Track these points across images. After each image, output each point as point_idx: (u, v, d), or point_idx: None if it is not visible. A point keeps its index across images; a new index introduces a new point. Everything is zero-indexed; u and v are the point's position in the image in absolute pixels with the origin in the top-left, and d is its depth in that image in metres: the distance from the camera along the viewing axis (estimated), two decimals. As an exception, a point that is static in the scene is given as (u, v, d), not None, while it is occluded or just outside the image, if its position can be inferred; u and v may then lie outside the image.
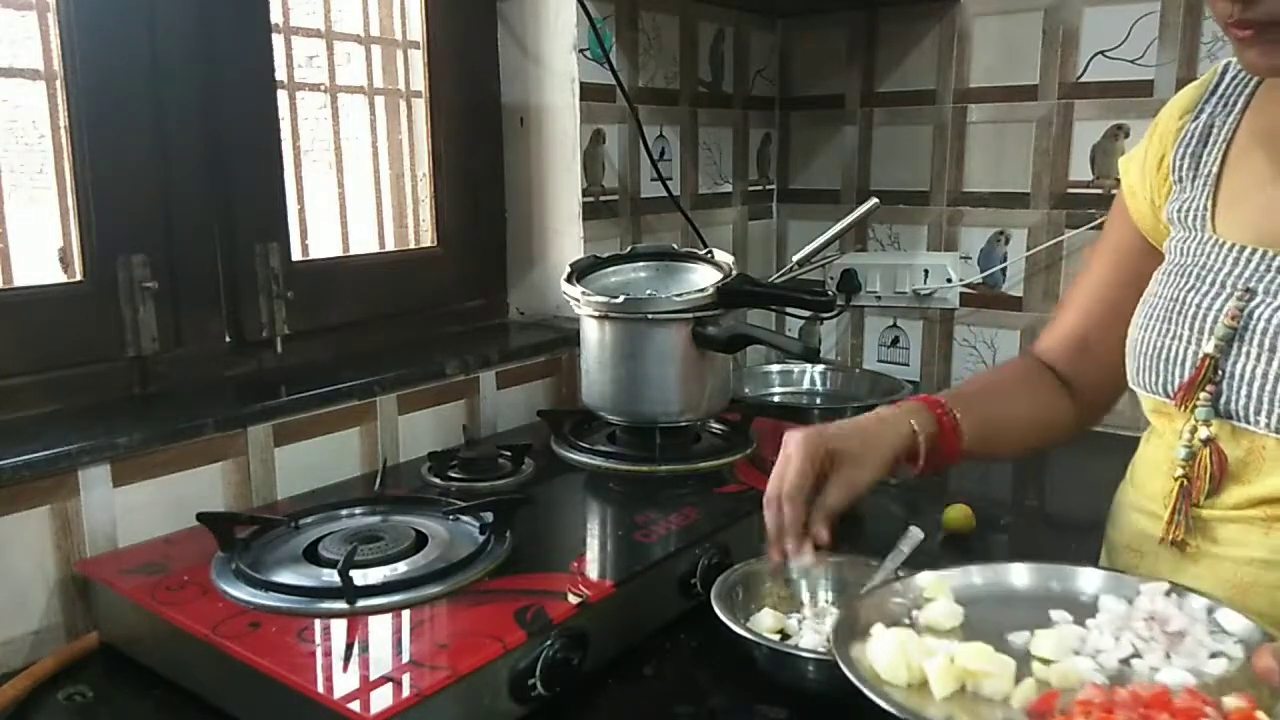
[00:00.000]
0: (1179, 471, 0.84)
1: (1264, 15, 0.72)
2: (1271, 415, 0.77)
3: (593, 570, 0.93)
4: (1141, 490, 0.93)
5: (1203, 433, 0.82)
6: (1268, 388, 0.78)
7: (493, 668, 0.77)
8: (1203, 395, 0.81)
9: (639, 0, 1.61)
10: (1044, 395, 1.02)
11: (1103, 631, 0.74)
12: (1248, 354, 0.79)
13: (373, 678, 0.73)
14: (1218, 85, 0.90)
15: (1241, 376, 0.79)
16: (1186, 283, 0.85)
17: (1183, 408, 0.83)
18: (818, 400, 1.85)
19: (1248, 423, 0.79)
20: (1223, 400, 0.81)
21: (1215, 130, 0.89)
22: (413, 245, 1.54)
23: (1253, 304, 0.80)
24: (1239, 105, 0.88)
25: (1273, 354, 0.78)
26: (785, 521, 0.87)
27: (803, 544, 0.87)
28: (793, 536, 0.87)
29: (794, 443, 0.88)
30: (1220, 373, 0.80)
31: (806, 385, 1.87)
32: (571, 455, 1.24)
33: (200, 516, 0.95)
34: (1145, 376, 0.87)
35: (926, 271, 1.84)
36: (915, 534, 0.96)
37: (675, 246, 1.38)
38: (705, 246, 1.41)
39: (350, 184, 1.43)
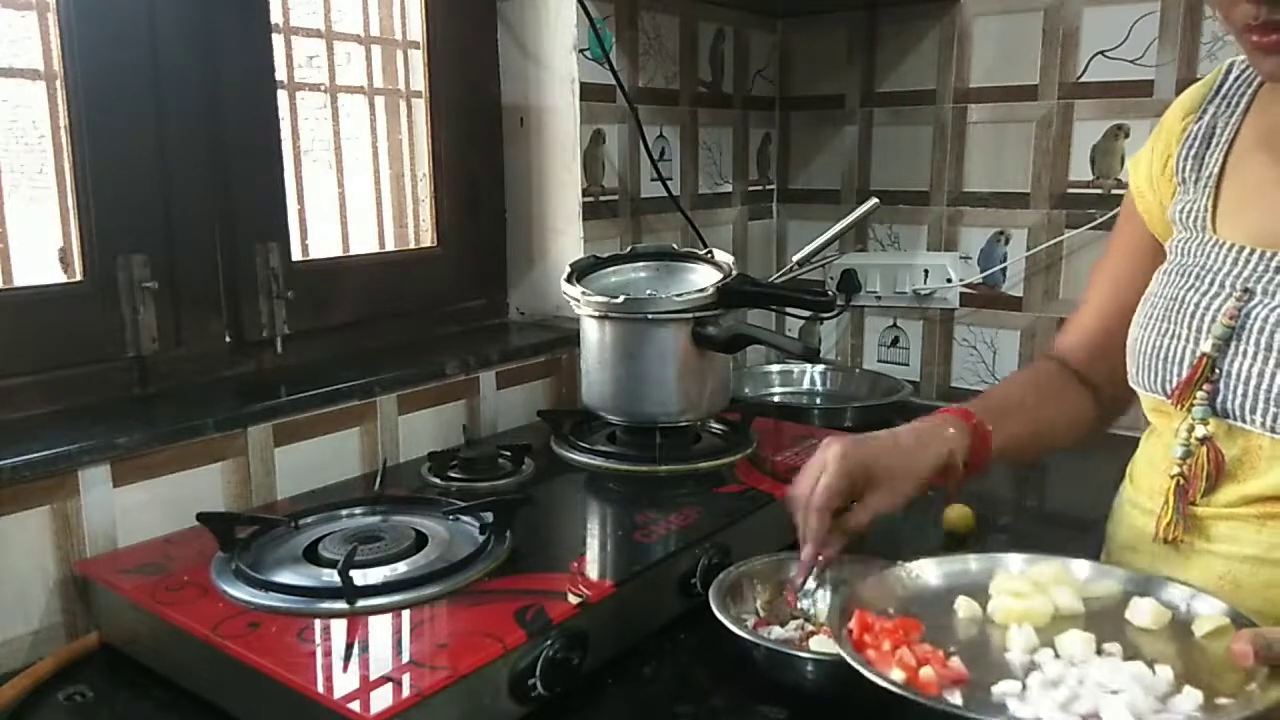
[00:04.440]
0: (1175, 470, 0.84)
1: None
2: (1267, 414, 0.78)
3: (593, 570, 0.93)
4: (1140, 488, 0.93)
5: (1200, 431, 0.82)
6: (1264, 387, 0.78)
7: (493, 668, 0.77)
8: (1200, 394, 0.82)
9: (639, 0, 1.61)
10: (1068, 398, 1.02)
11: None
12: (1244, 354, 0.79)
13: (373, 678, 0.73)
14: (1221, 85, 0.91)
15: (1238, 376, 0.80)
16: (1186, 282, 0.86)
17: (1180, 406, 0.83)
18: (818, 400, 1.85)
19: (1243, 422, 0.80)
20: (1219, 399, 0.81)
21: (1218, 131, 0.89)
22: (413, 245, 1.54)
23: (1251, 304, 0.80)
24: (1241, 106, 0.88)
25: (1269, 353, 0.78)
26: (808, 529, 0.89)
27: (813, 556, 0.89)
28: (811, 545, 0.89)
29: (833, 454, 0.89)
30: (1217, 372, 0.81)
31: (806, 385, 1.88)
32: (571, 455, 1.24)
33: (200, 516, 0.95)
34: (1144, 375, 0.88)
35: (926, 271, 1.83)
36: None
37: (675, 246, 1.38)
38: (705, 246, 1.41)
39: (350, 184, 1.43)
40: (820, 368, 1.88)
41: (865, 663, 0.72)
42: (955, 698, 0.69)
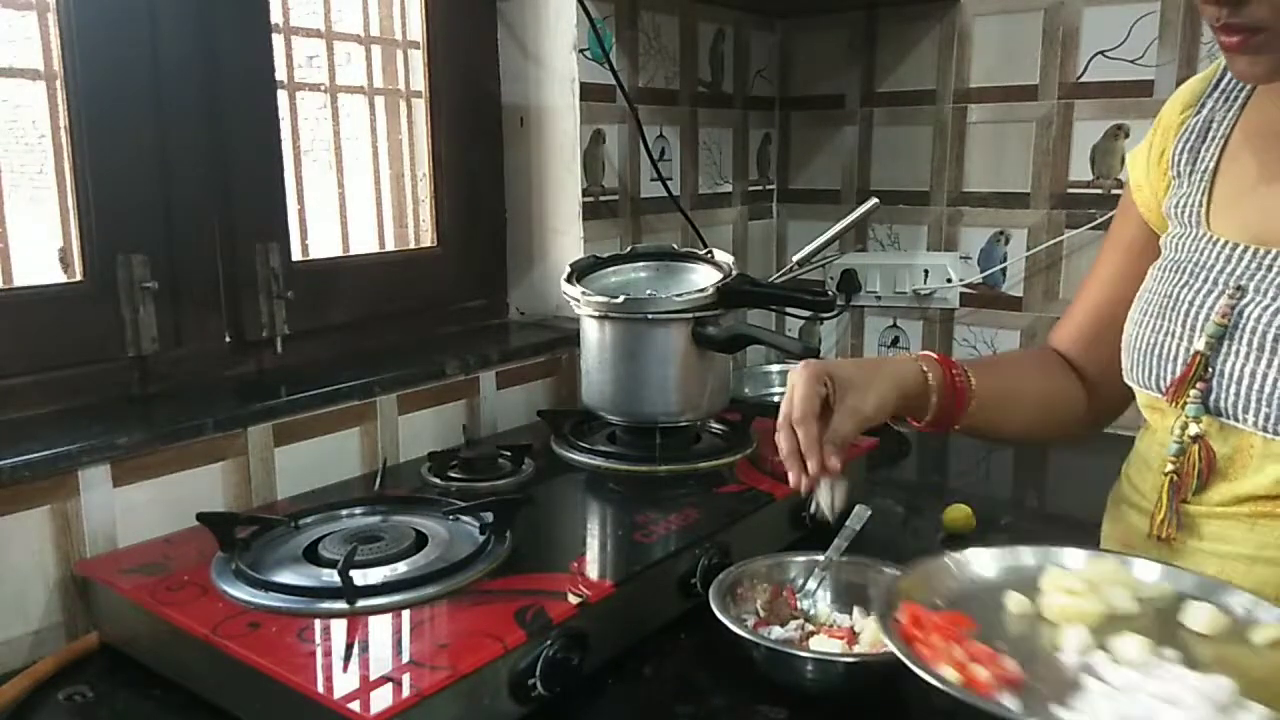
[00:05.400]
0: (1169, 467, 0.85)
1: (1251, 20, 0.73)
2: (1259, 414, 0.78)
3: (593, 570, 0.93)
4: (1134, 485, 0.93)
5: (1193, 429, 0.83)
6: (1256, 386, 0.78)
7: (493, 668, 0.77)
8: (1193, 392, 0.82)
9: (639, 0, 1.61)
10: (1056, 378, 1.03)
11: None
12: (1237, 352, 0.80)
13: (373, 678, 0.73)
14: (1219, 80, 0.91)
15: (1231, 374, 0.80)
16: (1180, 279, 0.86)
17: (1174, 404, 0.84)
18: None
19: (1236, 420, 0.80)
20: (1212, 397, 0.81)
21: (1215, 126, 0.89)
22: (413, 245, 1.54)
23: (1244, 302, 0.80)
24: (1239, 101, 0.89)
25: (1262, 352, 0.78)
26: (800, 444, 0.86)
27: (818, 468, 0.86)
28: (810, 457, 0.85)
29: (797, 372, 0.88)
30: (1210, 370, 0.81)
31: (806, 385, 1.87)
32: (571, 455, 1.24)
33: (200, 516, 0.95)
34: (1139, 372, 0.88)
35: (926, 271, 1.83)
36: (863, 512, 0.97)
37: (675, 246, 1.38)
38: (705, 246, 1.41)
39: (350, 184, 1.43)
40: (820, 368, 1.88)
41: (916, 658, 0.68)
42: (1009, 700, 0.65)
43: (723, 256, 1.30)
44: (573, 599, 0.85)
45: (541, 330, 1.55)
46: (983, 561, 0.83)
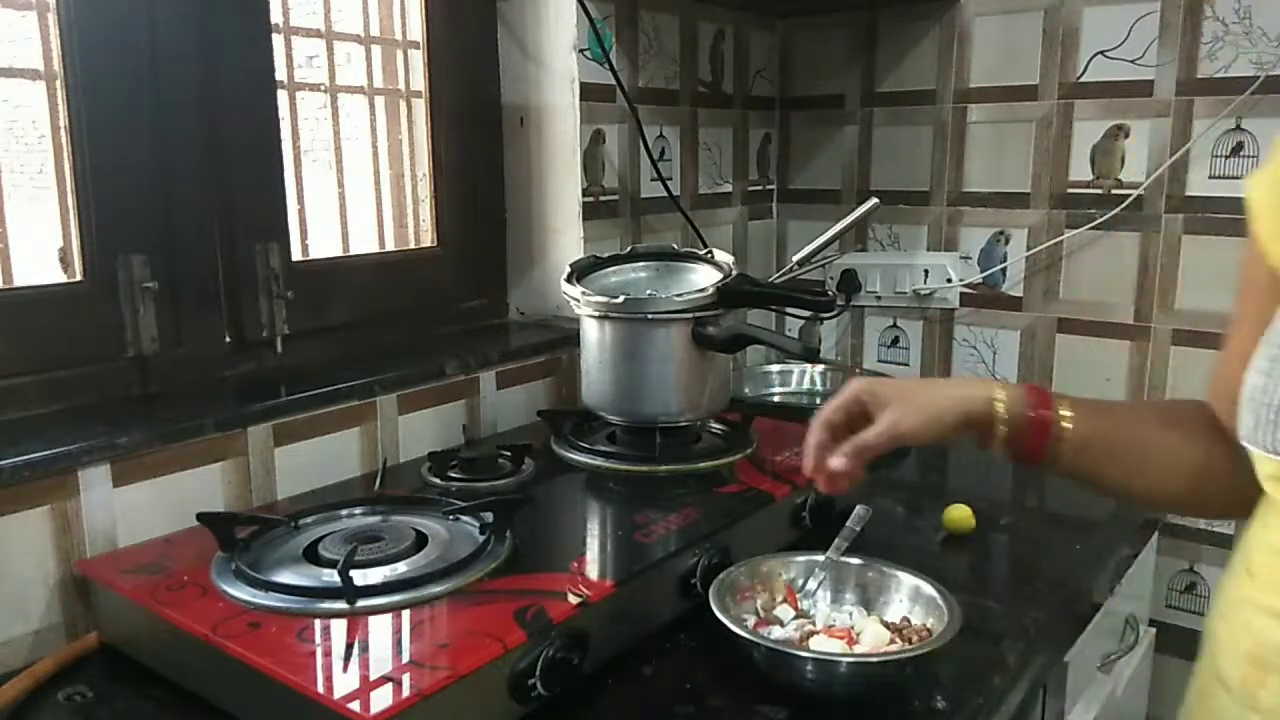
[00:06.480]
0: None
1: None
2: None
3: (593, 570, 0.93)
4: (1265, 583, 0.70)
5: None
6: None
7: (493, 668, 0.77)
8: None
9: (639, 0, 1.61)
10: (1198, 438, 0.82)
11: None
12: None
13: (373, 678, 0.73)
14: None
15: None
16: None
17: None
18: (817, 400, 1.85)
19: None
20: None
21: None
22: (413, 245, 1.54)
23: None
24: None
25: None
26: (808, 442, 0.87)
27: (809, 470, 0.87)
28: (807, 456, 0.87)
29: (851, 382, 0.88)
30: None
31: (806, 385, 1.87)
32: (571, 455, 1.24)
33: (200, 516, 0.95)
34: (1271, 433, 0.67)
35: (926, 271, 1.84)
36: (863, 512, 0.97)
37: (675, 246, 1.38)
38: (705, 246, 1.41)
39: (350, 184, 1.43)
40: (820, 368, 1.88)
41: None
42: None
43: (723, 256, 1.30)
44: (573, 599, 0.85)
45: (541, 330, 1.55)
46: None
